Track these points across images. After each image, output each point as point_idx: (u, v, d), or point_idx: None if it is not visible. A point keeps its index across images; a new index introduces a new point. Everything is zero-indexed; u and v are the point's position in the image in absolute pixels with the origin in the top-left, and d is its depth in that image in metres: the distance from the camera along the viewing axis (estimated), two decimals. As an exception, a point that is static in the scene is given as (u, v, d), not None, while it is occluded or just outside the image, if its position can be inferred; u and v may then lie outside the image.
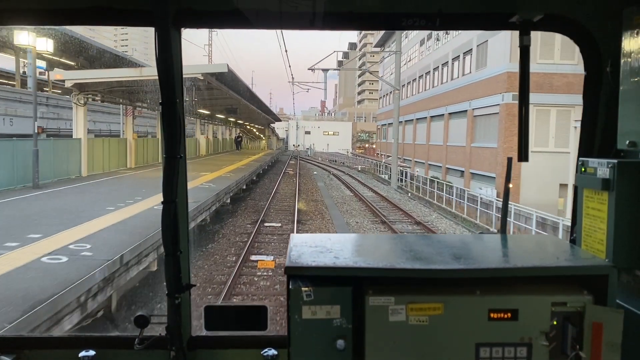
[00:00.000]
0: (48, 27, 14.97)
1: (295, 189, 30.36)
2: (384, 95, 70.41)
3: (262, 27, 1.93)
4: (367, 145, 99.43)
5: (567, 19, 1.95)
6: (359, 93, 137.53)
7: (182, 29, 1.90)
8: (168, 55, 1.72)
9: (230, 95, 29.14)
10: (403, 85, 58.86)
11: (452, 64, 37.80)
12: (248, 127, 66.82)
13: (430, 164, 42.64)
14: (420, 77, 48.52)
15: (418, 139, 47.68)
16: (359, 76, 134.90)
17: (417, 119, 47.95)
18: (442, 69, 40.72)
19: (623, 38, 1.82)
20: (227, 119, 45.60)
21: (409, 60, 53.12)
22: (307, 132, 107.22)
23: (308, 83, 47.69)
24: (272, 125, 79.22)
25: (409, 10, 1.90)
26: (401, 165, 44.53)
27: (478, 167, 31.23)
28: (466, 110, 33.54)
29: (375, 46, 65.27)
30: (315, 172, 46.34)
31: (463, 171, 34.03)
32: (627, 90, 1.82)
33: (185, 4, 1.85)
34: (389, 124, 64.02)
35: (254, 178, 31.68)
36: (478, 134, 32.16)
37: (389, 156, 60.67)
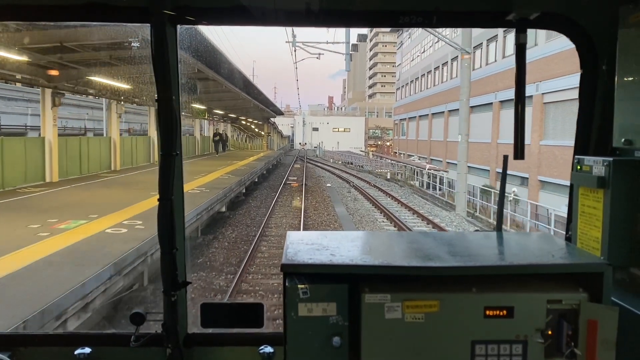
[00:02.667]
0: (43, 23, 11.96)
1: (299, 223, 17.38)
2: (402, 86, 61.80)
3: (259, 24, 1.92)
4: (380, 143, 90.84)
5: (564, 17, 1.95)
6: (370, 87, 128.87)
7: (178, 25, 1.86)
8: (164, 52, 1.73)
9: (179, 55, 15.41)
10: (422, 75, 50.34)
11: (504, 38, 29.26)
12: (243, 122, 54.45)
13: (471, 167, 34.04)
14: (454, 59, 39.82)
15: (451, 135, 38.95)
16: (370, 68, 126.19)
17: (450, 110, 39.25)
18: (488, 46, 32.17)
19: (619, 36, 1.83)
20: (188, 103, 27.12)
21: (437, 42, 44.41)
22: (315, 129, 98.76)
23: (319, 44, 33.35)
24: (273, 120, 64.14)
25: (406, 7, 1.90)
26: (429, 168, 35.81)
27: (552, 174, 22.73)
28: (530, 96, 24.92)
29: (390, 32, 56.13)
30: (329, 184, 31.21)
31: (526, 178, 25.48)
32: (623, 89, 1.84)
33: (181, 0, 1.83)
34: (409, 118, 55.40)
35: (223, 211, 17.76)
36: (551, 127, 23.71)
37: (410, 155, 52.25)
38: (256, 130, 61.42)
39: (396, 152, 61.86)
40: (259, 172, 29.99)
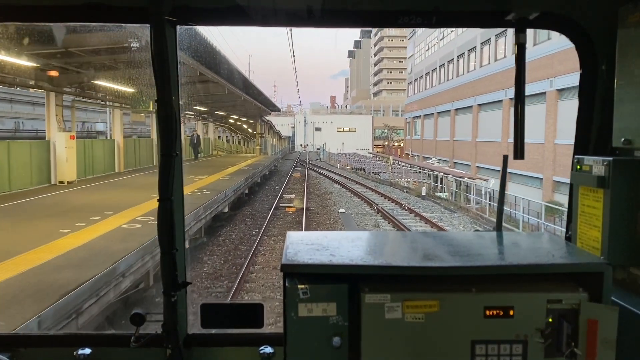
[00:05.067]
0: (42, 24, 10.28)
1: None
2: (414, 80, 55.15)
3: (259, 24, 1.92)
4: (386, 143, 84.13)
5: (563, 16, 1.95)
6: (375, 84, 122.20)
7: (178, 26, 1.86)
8: (164, 52, 1.73)
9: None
10: (442, 66, 43.67)
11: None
12: (223, 118, 42.02)
13: (512, 173, 27.40)
14: (484, 43, 33.19)
15: (482, 134, 32.28)
16: (375, 64, 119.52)
17: (481, 104, 32.63)
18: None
19: (618, 36, 1.83)
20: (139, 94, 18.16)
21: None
22: (318, 129, 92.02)
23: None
24: (267, 117, 51.04)
25: (405, 7, 1.89)
26: (457, 175, 29.19)
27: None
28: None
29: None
30: (342, 210, 21.05)
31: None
32: (623, 89, 1.84)
33: (181, 1, 1.83)
34: (424, 115, 48.73)
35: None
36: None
37: (427, 158, 45.58)
38: (250, 130, 50.32)
39: (409, 154, 55.18)
40: (230, 198, 17.41)
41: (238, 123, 46.06)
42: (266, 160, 37.33)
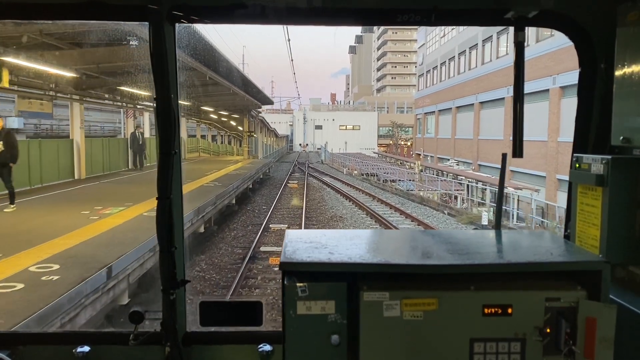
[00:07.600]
0: (41, 22, 9.69)
1: None
2: (426, 72, 49.49)
3: (258, 22, 1.94)
4: (391, 142, 78.54)
5: (562, 15, 1.96)
6: (379, 79, 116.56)
7: (177, 24, 1.87)
8: (162, 50, 1.74)
9: None
10: (461, 54, 38.02)
11: None
12: (210, 113, 34.22)
13: (563, 180, 21.82)
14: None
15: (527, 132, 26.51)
16: (378, 59, 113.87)
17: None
18: None
19: (617, 34, 1.84)
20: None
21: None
22: (318, 127, 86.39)
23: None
24: (258, 112, 40.88)
25: (404, 6, 1.91)
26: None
27: None
28: None
29: None
30: None
31: None
32: (622, 87, 1.85)
33: None
34: (439, 110, 43.10)
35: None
36: None
37: (442, 159, 40.05)
38: (240, 128, 40.65)
39: (420, 154, 49.54)
40: (147, 261, 8.28)
41: (224, 119, 38.49)
42: (253, 168, 28.12)
